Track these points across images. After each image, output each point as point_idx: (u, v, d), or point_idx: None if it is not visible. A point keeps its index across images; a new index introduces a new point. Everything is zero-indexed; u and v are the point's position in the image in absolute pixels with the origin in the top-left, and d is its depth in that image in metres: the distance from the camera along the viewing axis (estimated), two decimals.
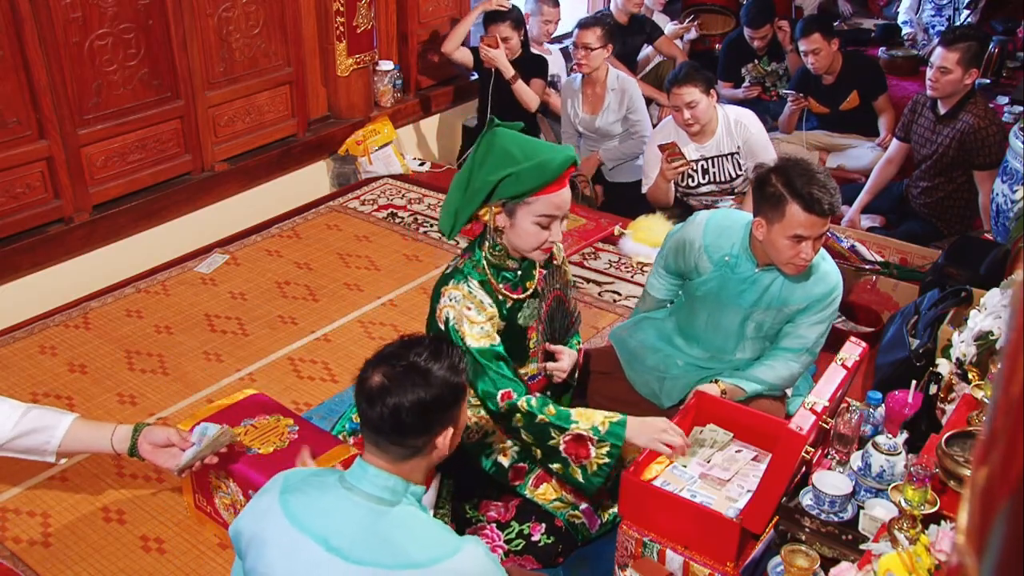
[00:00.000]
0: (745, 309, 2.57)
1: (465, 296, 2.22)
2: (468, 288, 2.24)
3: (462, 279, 2.25)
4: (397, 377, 1.58)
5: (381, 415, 1.57)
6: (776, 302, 2.53)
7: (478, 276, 2.28)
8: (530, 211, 2.19)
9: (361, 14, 4.55)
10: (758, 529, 2.02)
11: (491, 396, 2.19)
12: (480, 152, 2.23)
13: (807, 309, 2.53)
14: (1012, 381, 0.58)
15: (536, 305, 2.43)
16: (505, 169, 2.16)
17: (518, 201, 2.19)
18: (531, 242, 2.24)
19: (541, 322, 2.45)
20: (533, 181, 2.15)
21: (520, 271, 2.36)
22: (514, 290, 2.36)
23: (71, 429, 2.17)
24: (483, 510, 2.36)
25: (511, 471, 2.38)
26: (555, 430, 2.16)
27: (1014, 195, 3.42)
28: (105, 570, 2.44)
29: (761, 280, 2.53)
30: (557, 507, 2.34)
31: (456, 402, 1.65)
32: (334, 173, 4.75)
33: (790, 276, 2.49)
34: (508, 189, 2.17)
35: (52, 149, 3.54)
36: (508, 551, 2.30)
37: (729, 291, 2.57)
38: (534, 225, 2.21)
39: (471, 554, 1.56)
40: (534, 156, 2.17)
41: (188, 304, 3.65)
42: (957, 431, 2.00)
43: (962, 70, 3.82)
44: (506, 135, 2.23)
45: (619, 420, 2.17)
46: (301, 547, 1.56)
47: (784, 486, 2.00)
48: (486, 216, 2.25)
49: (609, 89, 4.40)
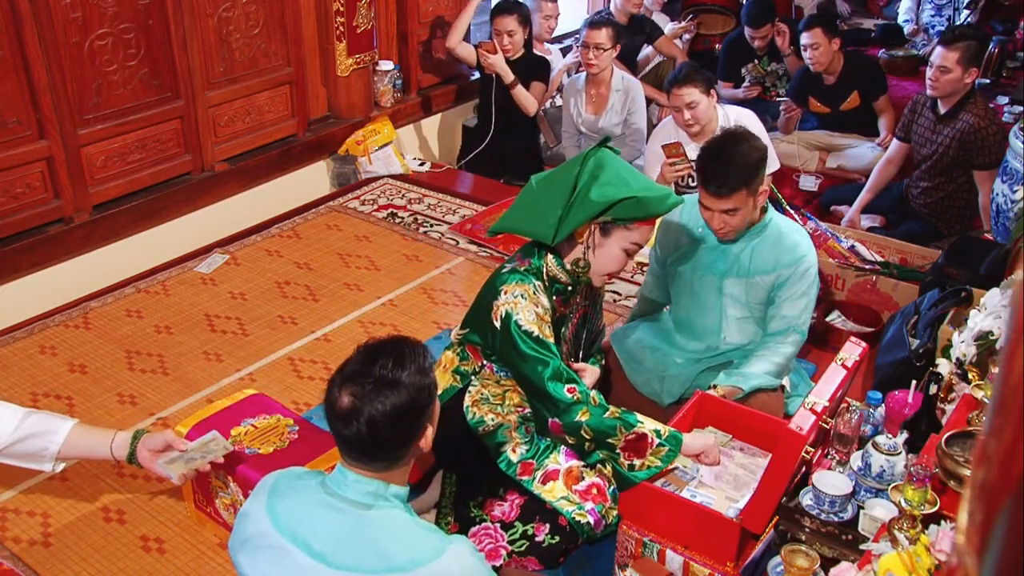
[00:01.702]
0: (718, 279, 2.65)
1: (530, 296, 2.27)
2: (533, 288, 2.29)
3: (526, 280, 2.29)
4: (368, 395, 1.54)
5: (359, 434, 1.54)
6: (745, 272, 2.62)
7: (539, 282, 2.32)
8: (627, 237, 2.29)
9: (361, 14, 4.55)
10: (758, 529, 2.02)
11: (557, 386, 2.22)
12: (589, 168, 2.28)
13: (783, 284, 2.59)
14: (1012, 381, 0.58)
15: (575, 321, 2.49)
16: (627, 191, 2.24)
17: (621, 224, 2.27)
18: (613, 266, 2.34)
19: (567, 342, 2.49)
20: (647, 210, 2.26)
21: (571, 287, 2.40)
22: (564, 305, 2.41)
23: (70, 435, 2.16)
24: (487, 509, 2.35)
25: (519, 466, 2.38)
26: (623, 427, 2.20)
27: (1014, 195, 3.42)
28: (105, 570, 2.44)
29: (729, 248, 2.63)
30: (563, 504, 2.34)
31: (430, 402, 1.62)
32: (334, 173, 4.75)
33: (758, 245, 2.59)
34: (624, 211, 2.25)
35: (52, 149, 3.54)
36: (512, 552, 2.29)
37: (702, 260, 2.67)
38: (622, 251, 2.30)
39: (456, 555, 1.55)
40: (646, 188, 2.28)
41: (188, 304, 3.65)
42: (957, 431, 2.00)
43: (962, 70, 3.82)
44: (615, 159, 2.33)
45: (677, 432, 2.22)
46: (286, 553, 1.55)
47: (784, 486, 2.00)
48: (584, 232, 2.31)
49: (614, 90, 4.40)
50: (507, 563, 2.27)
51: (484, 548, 2.27)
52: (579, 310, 2.50)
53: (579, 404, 2.21)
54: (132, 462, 2.19)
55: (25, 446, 2.13)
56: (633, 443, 2.19)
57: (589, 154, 2.31)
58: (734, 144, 2.50)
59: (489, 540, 2.30)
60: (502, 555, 2.28)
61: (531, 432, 2.43)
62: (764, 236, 2.59)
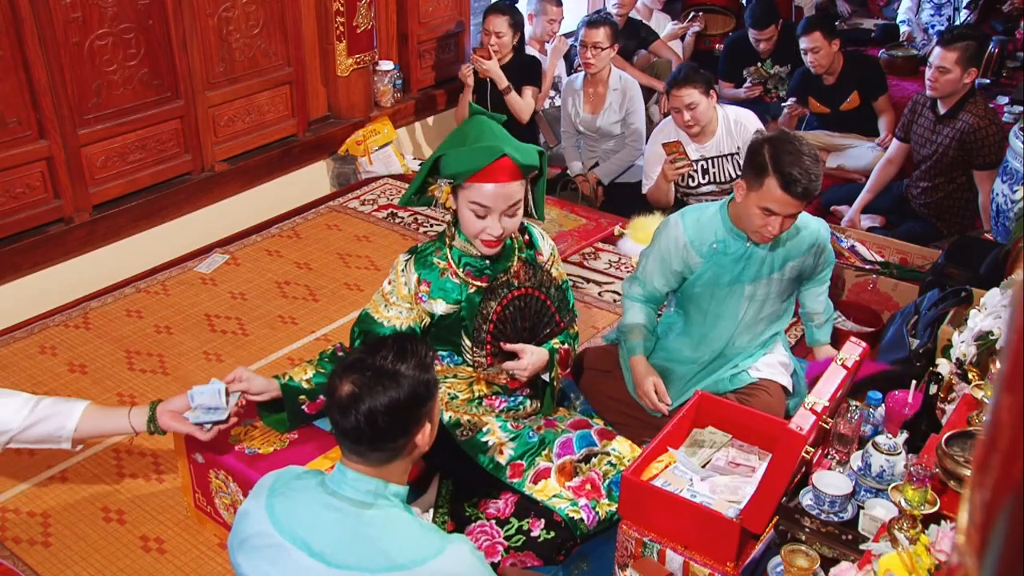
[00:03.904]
0: (746, 286, 2.63)
1: (397, 275, 2.35)
2: (403, 266, 2.35)
3: (408, 256, 2.37)
4: (367, 383, 1.55)
5: (357, 424, 1.55)
6: (775, 269, 2.63)
7: (430, 252, 2.37)
8: (464, 196, 2.25)
9: (361, 14, 4.55)
10: (758, 529, 2.02)
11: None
12: (449, 135, 2.31)
13: (807, 269, 2.70)
14: (1012, 381, 0.58)
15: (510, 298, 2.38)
16: (446, 147, 2.24)
17: (458, 184, 2.25)
18: (469, 229, 2.29)
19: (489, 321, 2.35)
20: (461, 165, 2.21)
21: (484, 258, 2.37)
22: (476, 278, 2.37)
23: (85, 413, 2.18)
24: (482, 508, 2.36)
25: (509, 468, 2.38)
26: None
27: (1014, 195, 3.42)
28: (105, 570, 2.44)
29: (755, 253, 2.61)
30: (556, 503, 2.34)
31: (429, 397, 1.62)
32: (334, 173, 4.75)
33: (779, 239, 2.59)
34: (445, 167, 2.25)
35: (52, 149, 3.54)
36: (508, 548, 2.29)
37: (726, 274, 2.62)
38: (469, 211, 2.26)
39: (455, 553, 1.54)
40: (474, 142, 2.22)
41: (188, 304, 3.65)
42: (957, 431, 2.00)
43: (961, 70, 3.82)
44: (476, 120, 2.30)
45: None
46: (285, 553, 1.55)
47: (784, 486, 2.00)
48: (435, 191, 2.31)
49: (611, 89, 4.40)
50: (505, 559, 2.27)
51: (481, 545, 2.27)
52: (517, 290, 2.38)
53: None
54: (152, 429, 2.19)
55: (40, 429, 2.15)
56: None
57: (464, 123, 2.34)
58: (801, 146, 2.43)
59: (486, 537, 2.30)
60: (499, 551, 2.28)
61: (517, 429, 2.43)
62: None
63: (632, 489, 2.14)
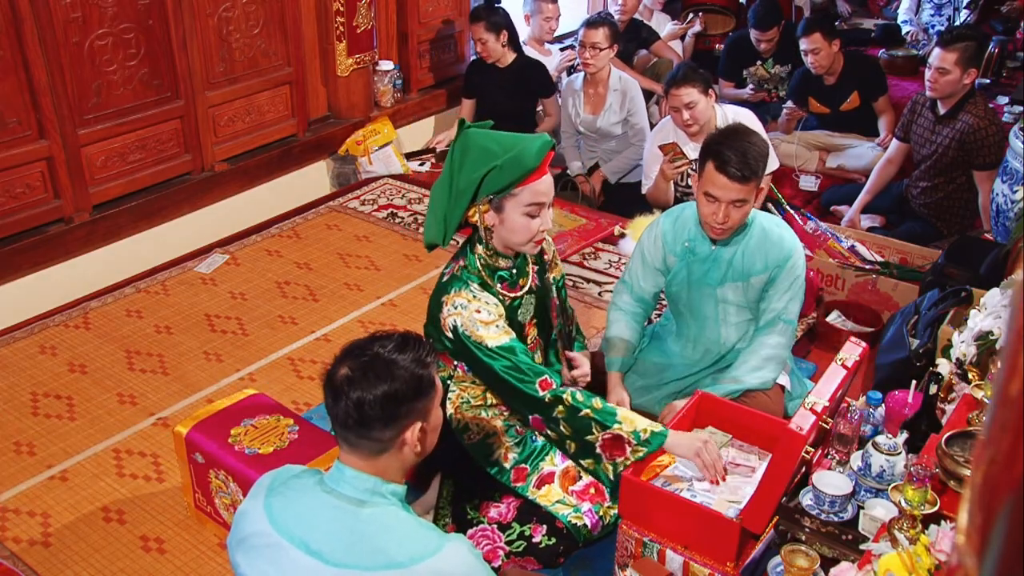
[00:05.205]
0: (715, 288, 2.63)
1: (470, 301, 2.24)
2: (471, 292, 2.25)
3: (462, 285, 2.26)
4: (361, 368, 1.57)
5: (346, 409, 1.55)
6: (740, 275, 2.60)
7: (477, 280, 2.29)
8: (518, 203, 2.22)
9: (361, 14, 4.55)
10: (758, 529, 2.02)
11: (529, 384, 2.19)
12: (457, 155, 2.24)
13: (773, 281, 2.59)
14: (1012, 381, 0.58)
15: (532, 301, 2.44)
16: (487, 165, 2.19)
17: (504, 195, 2.21)
18: (523, 235, 2.26)
19: (530, 323, 2.45)
20: (516, 171, 2.18)
21: (514, 269, 2.37)
22: (512, 288, 2.37)
23: None
24: (484, 511, 2.35)
25: (512, 472, 2.38)
26: (597, 426, 2.17)
27: (1014, 195, 3.42)
28: (105, 570, 2.44)
29: (721, 255, 2.61)
30: (559, 509, 2.33)
31: (421, 394, 1.61)
32: (334, 173, 4.75)
33: (748, 246, 2.57)
34: (492, 184, 2.19)
35: (52, 149, 3.54)
36: (509, 552, 2.29)
37: (696, 274, 2.65)
38: (524, 216, 2.23)
39: (454, 552, 1.54)
40: (512, 148, 2.19)
41: (188, 304, 3.65)
42: (957, 431, 2.00)
43: (960, 70, 3.82)
44: (479, 134, 2.26)
45: (661, 431, 2.17)
46: (283, 552, 1.55)
47: (784, 486, 2.00)
48: (475, 217, 2.26)
49: (611, 89, 4.40)
50: (505, 563, 2.27)
51: (482, 549, 2.27)
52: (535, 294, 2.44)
53: (557, 402, 2.19)
54: None
55: None
56: (610, 443, 2.17)
57: (455, 144, 2.27)
58: (746, 133, 2.49)
59: (487, 541, 2.30)
60: (500, 556, 2.28)
61: (522, 433, 2.43)
62: (750, 236, 2.60)
63: (632, 489, 2.14)
